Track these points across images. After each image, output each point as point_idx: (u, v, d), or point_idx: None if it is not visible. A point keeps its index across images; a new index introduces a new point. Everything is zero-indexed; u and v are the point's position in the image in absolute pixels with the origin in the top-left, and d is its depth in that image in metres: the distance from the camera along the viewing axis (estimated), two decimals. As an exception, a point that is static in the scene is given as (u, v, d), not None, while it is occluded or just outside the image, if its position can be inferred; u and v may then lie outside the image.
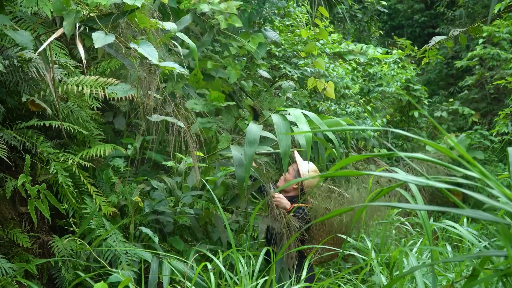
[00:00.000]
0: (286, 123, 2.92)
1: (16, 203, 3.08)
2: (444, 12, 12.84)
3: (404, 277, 2.22)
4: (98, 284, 2.22)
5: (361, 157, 1.45)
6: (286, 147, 2.82)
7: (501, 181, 3.62)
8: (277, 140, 2.89)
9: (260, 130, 3.02)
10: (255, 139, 2.93)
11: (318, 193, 3.44)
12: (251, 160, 2.93)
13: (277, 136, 2.86)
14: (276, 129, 2.88)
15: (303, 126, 2.86)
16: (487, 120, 10.33)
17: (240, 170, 3.04)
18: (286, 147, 2.82)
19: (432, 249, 1.85)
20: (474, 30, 4.56)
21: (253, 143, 2.91)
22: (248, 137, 2.93)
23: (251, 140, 2.92)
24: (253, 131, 2.97)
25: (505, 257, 1.23)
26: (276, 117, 2.94)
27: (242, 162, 3.04)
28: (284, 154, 2.80)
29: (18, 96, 3.10)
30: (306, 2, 6.87)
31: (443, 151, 1.17)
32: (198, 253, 3.18)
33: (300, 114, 2.91)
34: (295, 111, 2.96)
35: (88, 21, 2.56)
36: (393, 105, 9.27)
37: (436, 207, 1.28)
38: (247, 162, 2.90)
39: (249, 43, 4.17)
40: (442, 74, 12.40)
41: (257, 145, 2.95)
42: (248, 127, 3.02)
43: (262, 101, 4.46)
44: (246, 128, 3.05)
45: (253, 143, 2.91)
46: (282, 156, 2.81)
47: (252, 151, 2.91)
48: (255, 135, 2.95)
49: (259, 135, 2.98)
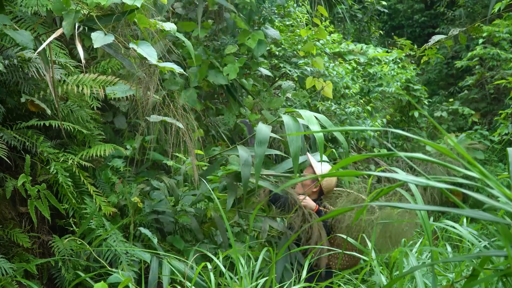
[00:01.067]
0: (296, 124, 2.89)
1: (16, 203, 3.08)
2: (444, 12, 12.84)
3: (404, 277, 2.22)
4: (98, 284, 2.22)
5: (361, 157, 1.45)
6: (296, 148, 2.77)
7: (501, 181, 3.62)
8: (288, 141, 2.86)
9: (270, 130, 3.01)
10: (265, 139, 2.91)
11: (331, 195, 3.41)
12: (262, 160, 2.91)
13: (288, 137, 2.83)
14: (287, 130, 2.85)
15: (314, 127, 2.83)
16: (487, 120, 10.33)
17: (247, 169, 3.02)
18: (296, 148, 2.77)
19: (432, 249, 1.85)
20: (474, 30, 4.56)
21: (263, 143, 2.90)
22: (258, 137, 2.92)
23: (261, 140, 2.90)
24: (262, 131, 2.96)
25: (505, 257, 1.23)
26: (286, 117, 2.92)
27: (248, 162, 3.03)
28: (295, 156, 2.77)
29: (18, 96, 3.09)
30: (306, 2, 6.87)
31: (443, 151, 1.16)
32: (199, 253, 3.18)
33: (311, 115, 2.87)
34: (305, 112, 2.93)
35: (87, 21, 2.56)
36: (393, 105, 9.27)
37: (436, 207, 1.28)
38: (258, 162, 2.87)
39: (249, 40, 4.18)
40: (442, 74, 12.40)
41: (267, 145, 2.93)
42: (257, 127, 3.01)
43: (262, 101, 4.46)
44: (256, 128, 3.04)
45: (263, 143, 2.90)
46: (293, 158, 2.78)
47: (262, 151, 2.89)
48: (265, 135, 2.93)
49: (269, 135, 2.97)
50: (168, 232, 3.48)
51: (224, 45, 4.42)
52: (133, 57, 2.81)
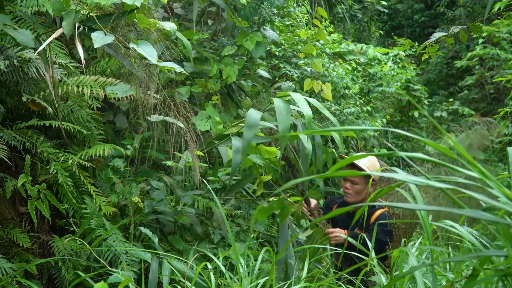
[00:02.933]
0: (287, 105, 2.94)
1: (16, 203, 3.08)
2: (444, 12, 12.85)
3: (404, 277, 2.22)
4: (98, 284, 2.22)
5: (361, 157, 1.45)
6: (285, 126, 2.84)
7: (501, 181, 3.61)
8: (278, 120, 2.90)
9: (260, 115, 3.02)
10: (254, 123, 2.92)
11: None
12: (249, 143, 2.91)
13: (277, 116, 2.87)
14: (277, 111, 2.89)
15: (303, 107, 2.87)
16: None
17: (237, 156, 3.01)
18: (285, 126, 2.84)
19: (432, 249, 1.85)
20: (475, 28, 4.57)
21: (252, 127, 2.91)
22: (248, 121, 2.93)
23: (251, 124, 2.92)
24: (253, 115, 2.97)
25: (505, 257, 1.23)
26: (277, 100, 2.97)
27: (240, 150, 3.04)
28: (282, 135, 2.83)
29: (18, 96, 3.09)
30: (306, 2, 6.87)
31: (443, 151, 1.17)
32: (199, 253, 3.18)
33: (301, 97, 2.93)
34: (296, 94, 2.98)
35: (87, 21, 2.56)
36: (393, 105, 9.28)
37: (436, 207, 1.28)
38: (245, 145, 2.88)
39: (247, 42, 4.18)
40: (442, 74, 12.40)
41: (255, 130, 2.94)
42: (248, 112, 3.02)
43: (260, 102, 4.46)
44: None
45: (252, 127, 2.91)
46: (280, 137, 2.83)
47: (251, 135, 2.90)
48: (254, 119, 2.94)
49: (259, 119, 2.99)
50: (168, 232, 3.48)
51: (223, 46, 4.42)
52: (133, 57, 2.81)
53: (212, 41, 4.67)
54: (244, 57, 4.65)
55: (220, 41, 4.55)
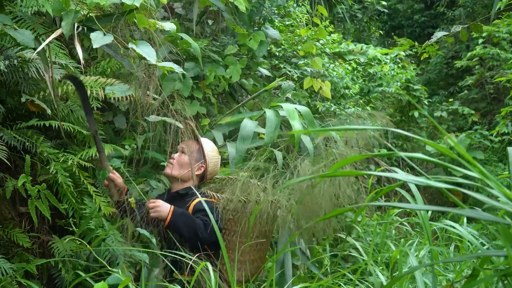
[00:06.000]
0: (278, 119, 2.96)
1: (16, 203, 3.08)
2: (444, 12, 12.85)
3: (404, 277, 2.22)
4: (98, 284, 2.22)
5: (361, 157, 1.45)
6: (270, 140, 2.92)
7: (501, 181, 3.62)
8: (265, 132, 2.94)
9: (255, 126, 3.04)
10: (248, 136, 2.94)
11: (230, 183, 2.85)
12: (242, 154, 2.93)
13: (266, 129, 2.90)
14: (268, 123, 2.91)
15: (295, 123, 2.87)
16: (487, 120, 10.33)
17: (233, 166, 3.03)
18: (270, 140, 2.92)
19: (432, 249, 1.85)
20: (475, 27, 4.58)
21: (246, 139, 2.93)
22: (242, 133, 2.94)
23: (244, 136, 2.93)
24: (247, 127, 2.98)
25: (505, 257, 1.23)
26: (270, 112, 2.98)
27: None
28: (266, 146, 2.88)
29: (18, 96, 3.09)
30: (306, 2, 6.87)
31: (443, 151, 1.16)
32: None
33: (293, 110, 2.94)
34: (288, 106, 2.99)
35: (87, 21, 2.56)
36: (393, 105, 9.27)
37: (436, 207, 1.28)
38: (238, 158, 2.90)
39: (250, 41, 4.18)
40: (442, 74, 12.40)
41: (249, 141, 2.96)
42: (242, 122, 3.03)
43: (261, 101, 4.47)
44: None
45: (246, 139, 2.93)
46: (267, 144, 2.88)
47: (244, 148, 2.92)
48: (248, 132, 2.95)
49: (253, 130, 3.00)
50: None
51: (224, 45, 4.42)
52: (133, 57, 2.81)
53: (214, 40, 4.67)
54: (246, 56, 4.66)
55: (221, 40, 4.55)
